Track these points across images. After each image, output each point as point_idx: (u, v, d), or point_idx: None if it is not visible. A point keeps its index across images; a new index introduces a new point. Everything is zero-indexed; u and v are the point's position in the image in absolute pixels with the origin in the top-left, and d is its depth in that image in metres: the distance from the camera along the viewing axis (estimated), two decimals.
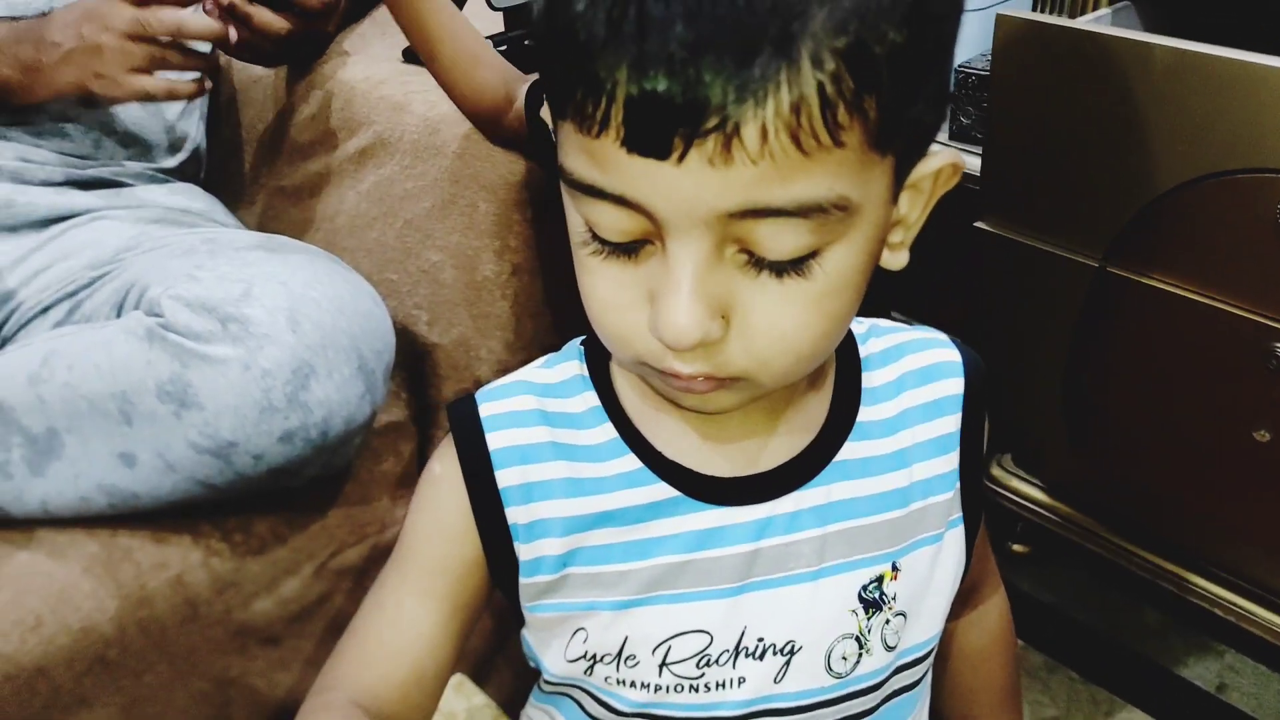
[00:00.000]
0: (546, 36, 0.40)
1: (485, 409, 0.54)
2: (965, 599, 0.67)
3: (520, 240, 0.92)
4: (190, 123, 1.14)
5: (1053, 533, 1.37)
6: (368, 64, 1.07)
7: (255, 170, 1.16)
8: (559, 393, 0.53)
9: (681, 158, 0.38)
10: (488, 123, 0.91)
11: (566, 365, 0.56)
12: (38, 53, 0.96)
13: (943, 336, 0.60)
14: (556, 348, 0.57)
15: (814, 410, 0.54)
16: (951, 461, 0.56)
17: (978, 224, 1.15)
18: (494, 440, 0.53)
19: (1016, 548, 1.48)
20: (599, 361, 0.55)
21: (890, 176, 0.44)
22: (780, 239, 0.41)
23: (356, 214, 1.02)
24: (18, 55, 0.96)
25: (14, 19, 1.00)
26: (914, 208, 0.48)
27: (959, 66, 1.34)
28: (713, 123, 0.37)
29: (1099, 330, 1.11)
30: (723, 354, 0.44)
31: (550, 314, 0.95)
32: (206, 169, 1.18)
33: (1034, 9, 1.31)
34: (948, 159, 0.47)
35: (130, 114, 1.07)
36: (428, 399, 0.96)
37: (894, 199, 0.45)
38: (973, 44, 1.39)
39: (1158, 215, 1.03)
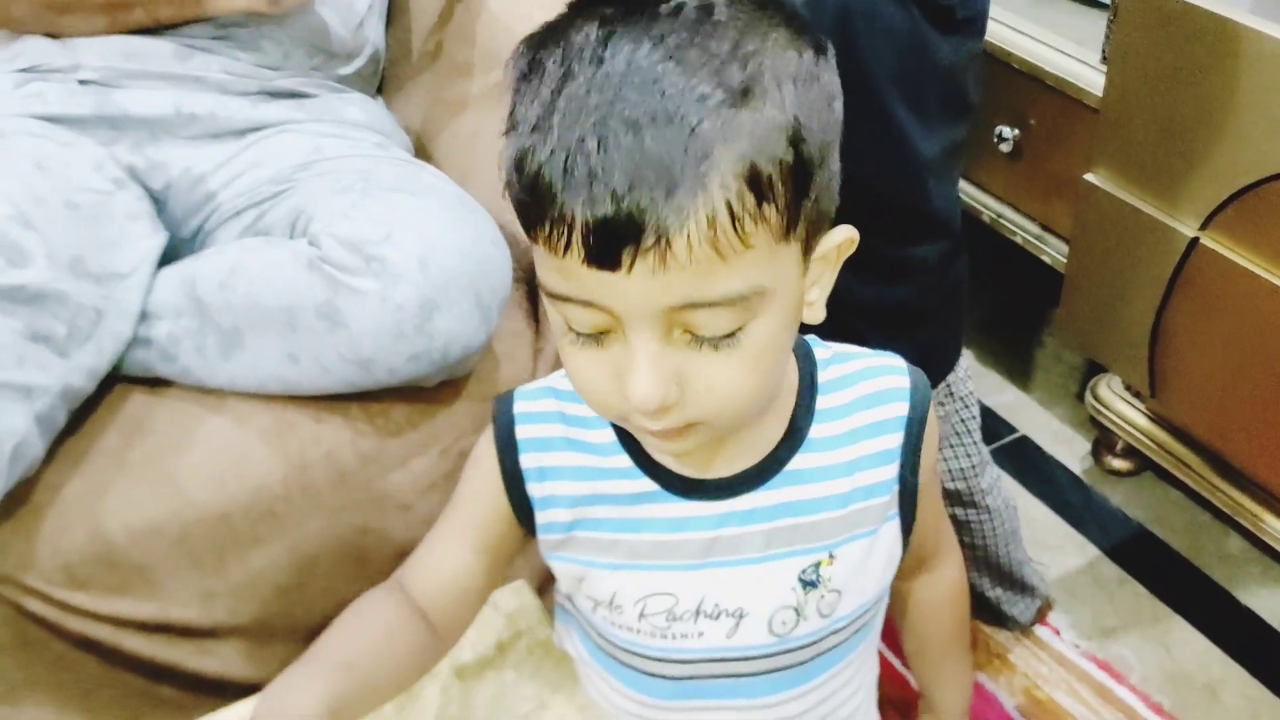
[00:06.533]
0: (518, 181, 0.52)
1: (518, 406, 0.69)
2: (920, 564, 0.80)
3: None
4: (371, 28, 1.29)
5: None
6: None
7: (423, 76, 1.30)
8: (576, 399, 0.65)
9: (630, 270, 0.51)
10: None
11: None
12: None
13: (898, 363, 0.71)
14: None
15: (771, 428, 0.66)
16: (891, 471, 0.68)
17: (1087, 176, 1.19)
18: (521, 431, 0.68)
19: (1116, 464, 1.55)
20: None
21: (798, 256, 0.56)
22: (713, 323, 0.53)
23: (496, 138, 1.15)
24: None
25: None
26: (824, 272, 0.60)
27: None
28: (650, 241, 0.50)
29: (1186, 296, 1.15)
30: (682, 410, 0.56)
31: None
32: (385, 65, 1.33)
33: None
34: (844, 234, 0.59)
35: (317, 23, 1.21)
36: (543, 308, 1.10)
37: (805, 271, 0.57)
38: None
39: (1259, 199, 1.05)
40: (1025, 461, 1.59)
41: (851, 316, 0.65)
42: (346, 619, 0.67)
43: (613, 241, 0.50)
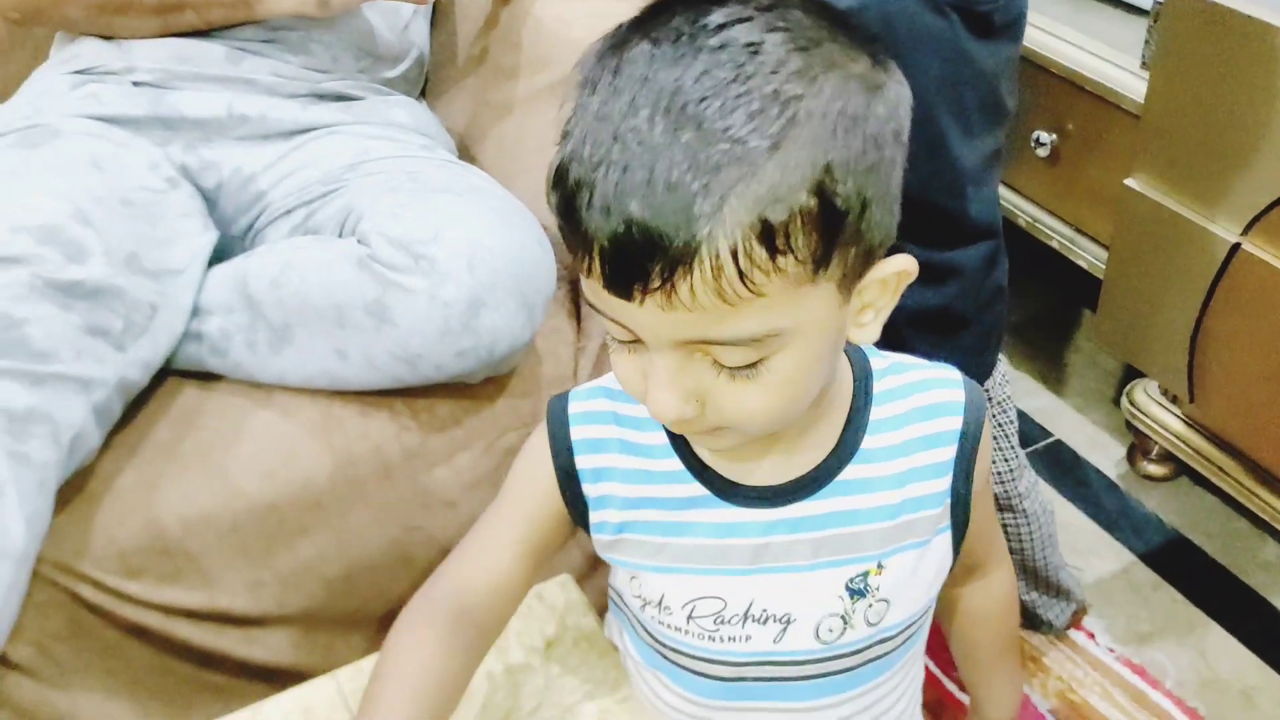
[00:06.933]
0: (554, 196, 0.53)
1: (573, 407, 0.70)
2: (971, 571, 0.80)
3: None
4: (416, 32, 1.31)
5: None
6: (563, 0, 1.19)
7: (467, 80, 1.32)
8: (629, 399, 0.66)
9: (641, 303, 0.51)
10: None
11: None
12: None
13: (954, 375, 0.71)
14: None
15: (823, 438, 0.67)
16: (943, 484, 0.68)
17: (1128, 182, 1.19)
18: (575, 432, 0.69)
19: (1151, 469, 1.55)
20: None
21: (833, 292, 0.54)
22: (728, 356, 0.54)
23: (543, 140, 1.16)
24: None
25: None
26: (881, 297, 0.58)
27: None
28: (656, 283, 0.50)
29: (1226, 302, 1.15)
30: (705, 422, 0.57)
31: None
32: (429, 69, 1.35)
33: None
34: (901, 264, 0.57)
35: (364, 26, 1.24)
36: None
37: (845, 302, 0.56)
38: None
39: None
40: (1060, 466, 1.59)
41: (895, 320, 0.66)
42: (397, 666, 0.66)
43: (625, 273, 0.50)
